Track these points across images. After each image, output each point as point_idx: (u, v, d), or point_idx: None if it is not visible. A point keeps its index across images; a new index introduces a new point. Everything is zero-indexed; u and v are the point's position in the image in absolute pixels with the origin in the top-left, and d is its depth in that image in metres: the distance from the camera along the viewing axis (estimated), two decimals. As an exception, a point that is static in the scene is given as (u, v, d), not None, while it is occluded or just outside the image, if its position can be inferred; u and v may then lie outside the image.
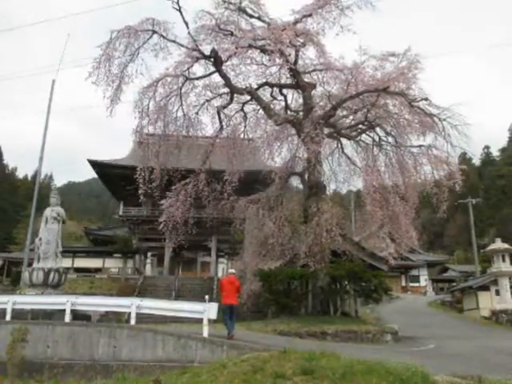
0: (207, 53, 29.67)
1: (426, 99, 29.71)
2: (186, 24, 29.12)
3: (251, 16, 30.65)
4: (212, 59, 29.81)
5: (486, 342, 28.56)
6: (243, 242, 35.22)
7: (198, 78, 31.24)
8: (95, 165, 53.60)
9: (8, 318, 21.34)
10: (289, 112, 33.34)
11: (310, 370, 12.06)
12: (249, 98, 32.33)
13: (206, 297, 19.03)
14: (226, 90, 31.75)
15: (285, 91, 33.63)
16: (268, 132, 34.03)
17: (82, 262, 59.38)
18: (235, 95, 31.87)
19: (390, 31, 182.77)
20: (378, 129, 31.84)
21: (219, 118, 32.61)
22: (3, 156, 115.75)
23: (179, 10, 28.65)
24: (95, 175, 59.97)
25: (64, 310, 21.11)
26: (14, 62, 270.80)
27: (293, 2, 32.79)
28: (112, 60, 29.22)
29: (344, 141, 33.69)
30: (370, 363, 12.32)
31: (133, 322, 19.97)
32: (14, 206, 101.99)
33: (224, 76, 30.59)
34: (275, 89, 33.48)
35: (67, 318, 20.83)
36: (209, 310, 18.15)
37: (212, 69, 30.63)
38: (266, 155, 35.77)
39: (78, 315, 22.50)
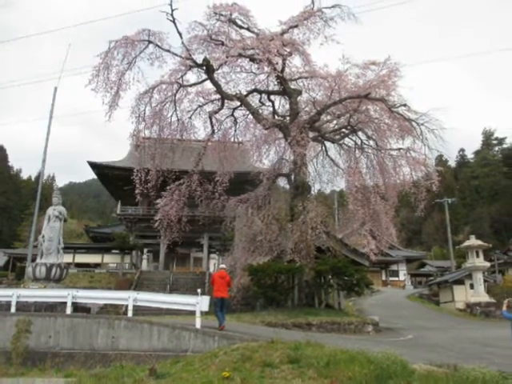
0: (199, 61, 29.74)
1: (405, 105, 29.85)
2: (180, 34, 29.19)
3: (241, 27, 30.78)
4: (204, 67, 29.85)
5: (461, 332, 28.67)
6: (233, 238, 35.19)
7: (191, 85, 31.30)
8: (95, 166, 53.42)
9: (13, 310, 21.29)
10: (276, 117, 33.41)
11: (295, 359, 12.11)
12: (239, 103, 32.43)
13: (199, 290, 18.99)
14: (218, 96, 31.80)
15: (272, 97, 33.74)
16: (257, 136, 34.28)
17: (82, 258, 59.39)
18: (226, 101, 31.96)
19: (372, 41, 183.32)
20: (359, 133, 31.95)
21: (211, 122, 32.68)
22: (8, 158, 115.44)
23: (173, 22, 28.67)
24: (95, 176, 59.77)
25: (65, 303, 21.06)
26: (18, 70, 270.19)
27: (280, 14, 32.96)
28: (110, 68, 29.24)
29: (328, 144, 33.83)
30: (353, 352, 12.36)
31: (130, 313, 19.92)
32: (18, 205, 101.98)
33: (215, 83, 30.63)
34: (263, 95, 33.58)
35: (68, 310, 20.77)
36: (201, 303, 18.14)
37: (204, 76, 30.68)
38: (254, 157, 36.06)
39: (78, 307, 22.53)
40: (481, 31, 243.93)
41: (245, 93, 32.15)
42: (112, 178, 53.06)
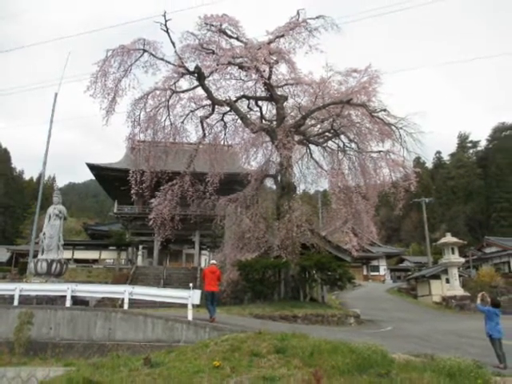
0: (191, 69, 29.76)
1: (385, 110, 29.97)
2: (173, 43, 29.25)
3: (230, 36, 30.79)
4: (196, 75, 29.90)
5: (438, 324, 28.83)
6: (223, 236, 35.32)
7: (183, 92, 31.32)
8: (93, 168, 53.26)
9: (16, 303, 21.36)
10: (264, 121, 33.44)
11: (282, 349, 12.16)
12: (228, 109, 32.43)
13: (191, 284, 19.07)
14: (208, 102, 31.83)
15: (260, 103, 33.76)
16: (245, 139, 34.22)
17: (81, 254, 59.41)
18: (216, 106, 31.96)
19: (355, 49, 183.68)
20: (342, 136, 32.00)
21: (202, 126, 32.61)
22: (11, 160, 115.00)
23: (167, 32, 28.70)
24: (93, 177, 59.48)
25: (65, 296, 21.12)
26: (21, 76, 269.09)
27: (267, 24, 33.03)
28: (107, 75, 29.20)
29: (312, 147, 33.85)
30: (336, 343, 12.42)
31: (126, 306, 19.92)
32: (20, 205, 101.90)
33: (206, 89, 30.66)
34: (251, 101, 33.59)
35: (68, 303, 20.81)
36: (193, 296, 18.17)
37: (196, 83, 30.70)
38: (243, 159, 36.02)
39: (77, 301, 22.50)
40: (468, 37, 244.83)
41: (234, 99, 32.19)
42: (109, 179, 52.89)
